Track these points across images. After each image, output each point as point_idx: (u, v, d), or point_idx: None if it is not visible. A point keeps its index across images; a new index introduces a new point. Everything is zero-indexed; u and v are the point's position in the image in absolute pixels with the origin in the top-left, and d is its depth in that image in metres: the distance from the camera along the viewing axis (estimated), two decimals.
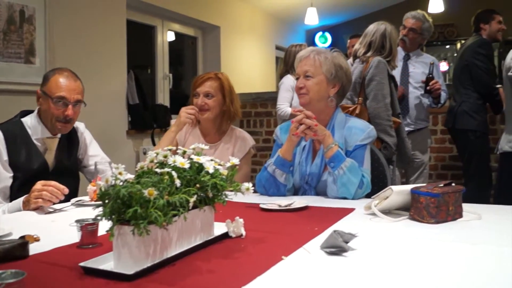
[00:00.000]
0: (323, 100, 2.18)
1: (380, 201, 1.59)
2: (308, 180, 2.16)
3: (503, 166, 3.28)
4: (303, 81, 2.17)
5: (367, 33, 3.28)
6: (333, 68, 2.17)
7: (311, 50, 2.23)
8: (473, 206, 1.70)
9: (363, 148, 2.12)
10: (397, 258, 1.18)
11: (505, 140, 3.22)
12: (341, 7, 7.76)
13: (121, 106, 4.51)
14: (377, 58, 3.12)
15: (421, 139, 3.82)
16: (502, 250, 1.23)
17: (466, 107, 3.87)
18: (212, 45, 6.12)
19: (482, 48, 3.90)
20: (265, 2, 6.98)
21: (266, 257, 1.17)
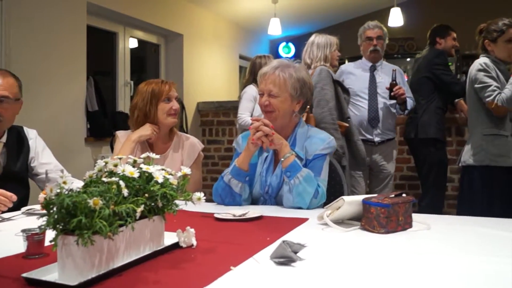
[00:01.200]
0: (288, 116, 2.18)
1: (333, 211, 1.60)
2: (268, 191, 2.17)
3: (466, 178, 3.33)
4: (267, 99, 2.15)
5: (309, 44, 3.57)
6: (297, 84, 2.16)
7: (275, 66, 2.18)
8: (422, 216, 1.74)
9: (322, 158, 2.14)
10: (345, 268, 1.19)
11: (468, 153, 3.26)
12: (305, 19, 7.85)
13: (79, 113, 4.43)
14: (320, 67, 3.33)
15: (389, 150, 3.89)
16: (449, 259, 1.26)
17: (428, 117, 3.97)
18: (175, 53, 6.09)
19: (439, 58, 4.03)
20: (229, 11, 7.00)
21: (214, 267, 1.17)
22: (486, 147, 3.19)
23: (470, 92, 3.29)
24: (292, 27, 8.00)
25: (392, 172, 3.91)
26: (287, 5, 6.86)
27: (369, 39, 3.81)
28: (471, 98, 3.29)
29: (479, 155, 3.20)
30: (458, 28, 4.38)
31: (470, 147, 3.26)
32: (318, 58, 3.48)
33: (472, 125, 3.33)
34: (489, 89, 3.13)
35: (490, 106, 3.15)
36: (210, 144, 5.82)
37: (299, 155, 2.13)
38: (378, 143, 3.75)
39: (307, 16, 7.72)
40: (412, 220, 1.60)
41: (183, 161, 2.62)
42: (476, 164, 3.21)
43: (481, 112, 3.23)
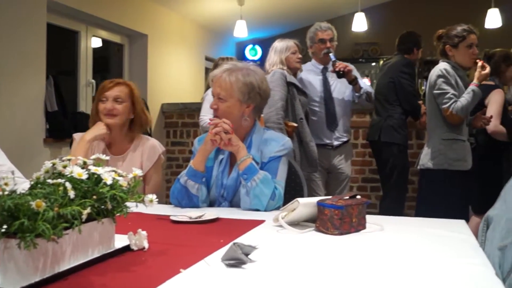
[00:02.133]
0: (237, 121, 2.15)
1: (288, 213, 1.61)
2: (223, 194, 2.16)
3: (425, 181, 3.38)
4: (216, 102, 2.15)
5: (270, 49, 3.68)
6: (245, 89, 2.13)
7: (224, 69, 2.16)
8: (376, 217, 1.76)
9: (277, 160, 2.14)
10: (296, 269, 1.19)
11: (427, 157, 3.30)
12: (271, 22, 7.87)
13: (38, 113, 4.34)
14: (274, 70, 3.46)
15: (346, 152, 3.92)
16: (400, 259, 1.28)
17: (391, 122, 4.02)
18: (139, 53, 6.02)
19: (407, 67, 4.08)
20: (195, 13, 6.96)
21: (164, 270, 1.15)
22: (444, 151, 3.24)
23: (429, 97, 3.34)
24: (258, 30, 8.02)
25: (349, 174, 3.95)
26: (253, 7, 6.87)
27: (322, 41, 3.78)
28: (431, 103, 3.34)
29: (437, 159, 3.25)
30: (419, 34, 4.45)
31: (429, 150, 3.30)
32: (274, 63, 3.58)
33: (431, 129, 3.38)
34: (446, 97, 3.18)
35: (445, 113, 3.20)
36: (174, 146, 5.78)
37: (255, 158, 2.13)
38: (336, 146, 3.78)
39: (274, 19, 7.75)
40: (365, 222, 1.62)
41: (142, 164, 2.59)
42: (435, 168, 3.25)
43: (440, 117, 3.28)
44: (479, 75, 3.22)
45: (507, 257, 1.10)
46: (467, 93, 3.18)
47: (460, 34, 3.26)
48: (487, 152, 3.64)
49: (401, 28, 4.54)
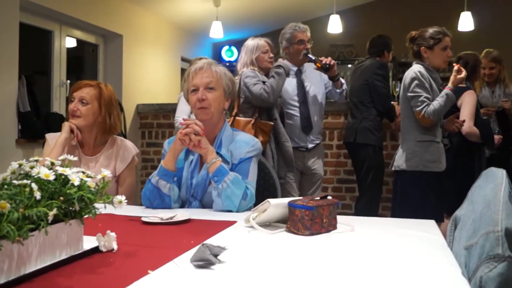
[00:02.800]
0: (220, 114, 2.20)
1: (259, 214, 1.61)
2: (193, 193, 2.15)
3: (399, 183, 3.40)
4: (205, 93, 2.14)
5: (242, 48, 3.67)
6: (229, 82, 2.21)
7: (210, 63, 2.20)
8: (347, 218, 1.78)
9: (248, 161, 2.15)
10: (265, 270, 1.19)
11: (402, 158, 3.32)
12: (247, 23, 7.89)
13: (10, 114, 4.26)
14: (245, 72, 3.48)
15: (319, 153, 3.94)
16: (370, 260, 1.29)
17: (367, 123, 4.06)
18: (114, 53, 5.97)
19: (380, 69, 4.13)
20: (171, 13, 6.93)
21: (132, 271, 1.14)
22: (420, 153, 3.26)
23: (404, 99, 3.36)
24: (235, 31, 8.02)
25: (323, 175, 3.97)
26: (229, 8, 6.87)
27: (301, 42, 3.75)
28: (405, 105, 3.35)
29: (412, 160, 3.27)
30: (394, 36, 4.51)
31: (404, 152, 3.32)
32: (245, 63, 3.58)
33: (405, 130, 3.39)
34: (419, 100, 3.20)
35: (418, 116, 3.23)
36: (149, 147, 5.74)
37: (225, 158, 2.13)
38: (311, 148, 3.80)
39: (250, 20, 7.77)
40: (336, 222, 1.63)
41: (115, 165, 2.57)
42: (410, 169, 3.27)
43: (414, 119, 3.29)
44: (455, 79, 3.25)
45: (472, 257, 1.12)
46: (440, 96, 3.21)
47: (435, 36, 3.29)
48: (461, 153, 3.69)
49: (376, 30, 4.60)
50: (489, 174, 1.29)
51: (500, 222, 1.08)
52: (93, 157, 2.56)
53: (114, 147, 2.59)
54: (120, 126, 2.63)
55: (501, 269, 1.04)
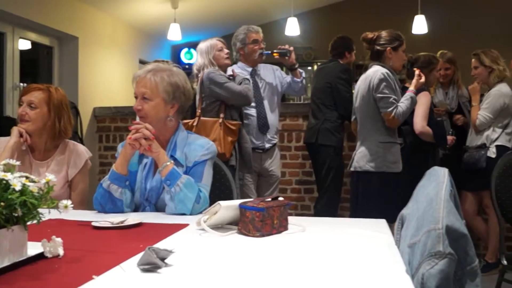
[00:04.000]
0: (161, 121, 2.15)
1: (210, 216, 1.61)
2: (148, 197, 2.13)
3: (362, 184, 3.43)
4: (141, 103, 2.12)
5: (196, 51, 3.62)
6: (170, 88, 2.13)
7: (148, 70, 2.16)
8: (299, 219, 1.79)
9: (202, 164, 2.14)
10: (213, 272, 1.19)
11: (364, 159, 3.35)
12: (206, 25, 7.85)
13: None
14: (207, 71, 3.40)
15: (276, 153, 3.96)
16: (319, 259, 1.31)
17: (328, 125, 4.10)
18: (70, 56, 5.85)
19: (344, 73, 4.16)
20: (128, 15, 6.84)
21: (77, 277, 1.12)
22: (383, 154, 3.30)
23: (368, 100, 3.37)
24: (194, 33, 7.98)
25: (279, 176, 4.00)
26: (187, 10, 6.84)
27: (256, 41, 3.77)
28: (370, 106, 3.37)
29: (376, 161, 3.31)
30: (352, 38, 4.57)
31: (366, 153, 3.35)
32: (203, 65, 3.51)
33: (366, 132, 3.42)
34: (389, 101, 3.25)
35: (387, 118, 3.27)
36: (107, 151, 5.64)
37: (180, 161, 2.12)
38: (267, 149, 3.82)
39: (208, 22, 7.74)
40: (288, 223, 1.64)
41: (68, 170, 2.52)
42: (374, 170, 3.31)
43: (379, 120, 3.34)
44: (417, 83, 3.37)
45: (415, 254, 1.14)
46: (406, 99, 3.29)
47: (399, 38, 3.38)
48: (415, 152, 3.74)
49: (334, 32, 4.64)
50: (432, 173, 1.32)
51: (441, 220, 1.11)
52: (44, 162, 2.50)
53: (66, 151, 2.54)
54: (71, 131, 2.56)
55: (442, 265, 1.07)
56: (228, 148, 3.31)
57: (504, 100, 3.93)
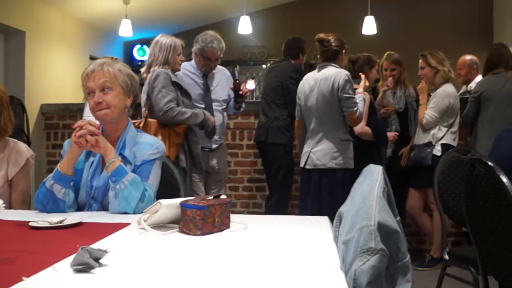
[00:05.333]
0: (122, 113, 2.14)
1: (151, 215, 1.59)
2: (94, 195, 2.09)
3: (326, 180, 3.47)
4: (100, 96, 2.07)
5: (153, 44, 3.49)
6: (127, 78, 2.14)
7: (101, 63, 2.13)
8: (242, 216, 1.80)
9: (150, 163, 2.11)
10: (150, 272, 1.18)
11: (327, 157, 3.43)
12: (159, 22, 7.77)
13: None
14: (157, 71, 3.32)
15: (223, 153, 3.97)
16: (258, 257, 1.32)
17: (279, 123, 4.12)
18: (16, 51, 5.66)
19: (295, 73, 4.19)
20: (77, 10, 6.69)
21: (6, 278, 1.09)
22: (344, 151, 3.44)
23: (331, 99, 3.44)
24: (146, 30, 7.89)
25: (227, 174, 4.00)
26: (139, 6, 6.74)
27: (208, 59, 3.70)
28: (333, 105, 3.45)
29: (339, 158, 3.43)
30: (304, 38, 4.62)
31: (328, 151, 3.44)
32: (159, 61, 3.40)
33: (326, 130, 3.49)
34: (353, 101, 3.41)
35: (352, 117, 3.42)
36: (55, 149, 5.49)
37: (129, 159, 2.09)
38: (215, 148, 3.81)
39: (161, 19, 7.66)
40: (229, 221, 1.64)
41: (8, 169, 2.44)
42: (338, 167, 3.42)
43: (341, 119, 3.46)
44: (364, 86, 3.60)
45: (349, 251, 1.16)
46: (360, 100, 3.47)
47: (344, 42, 3.55)
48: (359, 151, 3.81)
49: (287, 31, 4.69)
50: (367, 171, 1.35)
51: (374, 217, 1.13)
52: None
53: (6, 150, 2.45)
54: (11, 128, 2.48)
55: (373, 261, 1.09)
56: (174, 150, 3.26)
57: (449, 100, 4.06)
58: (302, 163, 3.61)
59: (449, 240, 4.65)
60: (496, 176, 1.79)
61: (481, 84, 4.25)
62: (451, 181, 2.81)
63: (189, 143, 3.45)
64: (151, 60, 3.47)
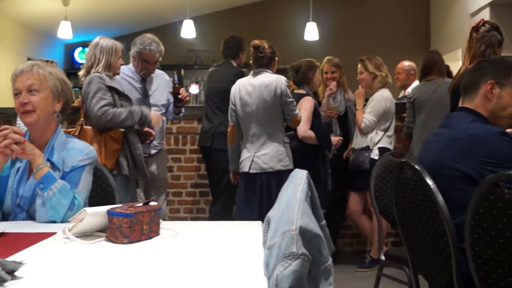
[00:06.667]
0: (49, 117, 2.06)
1: (76, 224, 1.54)
2: (20, 203, 2.01)
3: (275, 183, 3.48)
4: (27, 97, 2.00)
5: (93, 46, 3.33)
6: (58, 83, 2.08)
7: (32, 64, 2.08)
8: (173, 223, 1.77)
9: (80, 170, 2.05)
10: (68, 283, 1.14)
11: (274, 159, 3.46)
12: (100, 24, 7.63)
13: None
14: (89, 76, 3.19)
15: (163, 158, 3.92)
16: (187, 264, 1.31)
17: (224, 129, 4.08)
18: None
19: (239, 77, 4.16)
20: (15, 10, 6.49)
21: None
22: (287, 153, 3.53)
23: (273, 104, 3.49)
24: (88, 32, 7.70)
25: (167, 179, 3.95)
26: (79, 8, 6.61)
27: (146, 61, 3.65)
28: (275, 109, 3.51)
29: (285, 160, 3.51)
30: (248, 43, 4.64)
31: (274, 154, 3.49)
32: (102, 65, 3.25)
33: (269, 134, 3.53)
34: (294, 105, 3.55)
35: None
36: None
37: (57, 166, 2.02)
38: (154, 154, 3.76)
39: (102, 22, 7.54)
40: (159, 228, 1.61)
41: None
42: (285, 169, 3.47)
43: (282, 122, 3.56)
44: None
45: (272, 256, 1.16)
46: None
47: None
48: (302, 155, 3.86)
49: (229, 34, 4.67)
50: (292, 176, 1.36)
51: (295, 222, 1.14)
52: None
53: None
54: None
55: (295, 266, 1.09)
56: (111, 158, 3.16)
57: (386, 104, 4.17)
58: (245, 168, 3.58)
59: (389, 241, 4.76)
60: (422, 179, 1.84)
61: (414, 90, 4.41)
62: (387, 184, 2.87)
63: (130, 148, 3.34)
64: (91, 64, 3.31)
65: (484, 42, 3.22)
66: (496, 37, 3.25)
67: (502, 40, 3.30)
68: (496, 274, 1.59)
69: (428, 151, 2.11)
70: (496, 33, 3.26)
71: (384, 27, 8.01)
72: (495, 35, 3.25)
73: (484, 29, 3.25)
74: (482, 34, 3.23)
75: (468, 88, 2.08)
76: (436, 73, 4.21)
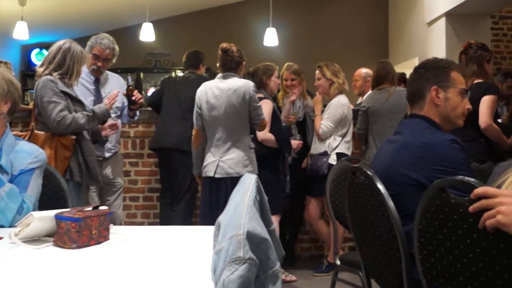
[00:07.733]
0: None
1: (22, 228, 1.51)
2: None
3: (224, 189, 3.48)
4: None
5: (63, 50, 3.15)
6: (4, 84, 2.04)
7: None
8: (124, 228, 1.76)
9: (29, 173, 2.01)
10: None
11: (240, 165, 3.46)
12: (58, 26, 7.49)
13: None
14: (42, 79, 3.07)
15: (118, 162, 3.88)
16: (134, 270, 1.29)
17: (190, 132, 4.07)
18: None
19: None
20: None
21: None
22: (252, 158, 3.53)
23: (241, 109, 3.49)
24: (46, 33, 7.58)
25: (122, 184, 3.90)
26: (36, 9, 6.46)
27: (95, 56, 3.60)
28: (242, 114, 3.50)
29: (250, 166, 3.49)
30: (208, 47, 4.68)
31: (240, 159, 3.47)
32: (69, 71, 3.13)
33: (236, 138, 3.51)
34: (261, 109, 3.54)
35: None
36: None
37: (5, 169, 1.97)
38: (109, 157, 3.71)
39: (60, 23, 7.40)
40: (109, 233, 1.59)
41: None
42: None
43: (248, 127, 3.55)
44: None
45: (220, 260, 1.16)
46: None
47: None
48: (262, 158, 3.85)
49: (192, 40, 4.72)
50: (242, 180, 1.36)
51: (243, 226, 1.14)
52: None
53: None
54: None
55: (241, 271, 1.09)
56: (62, 165, 3.06)
57: (343, 110, 4.23)
58: (210, 172, 3.52)
59: (347, 246, 4.81)
60: (374, 184, 1.88)
61: (367, 99, 4.48)
62: (342, 189, 2.90)
63: (83, 153, 3.25)
64: (56, 66, 3.13)
65: (474, 63, 3.48)
66: (483, 56, 3.51)
67: (491, 56, 3.56)
68: (443, 277, 1.63)
69: (381, 157, 2.15)
70: (483, 51, 3.50)
71: (343, 35, 8.13)
72: (483, 54, 3.52)
73: (471, 51, 3.50)
74: (470, 56, 3.50)
75: (414, 98, 2.11)
76: (389, 82, 4.30)
